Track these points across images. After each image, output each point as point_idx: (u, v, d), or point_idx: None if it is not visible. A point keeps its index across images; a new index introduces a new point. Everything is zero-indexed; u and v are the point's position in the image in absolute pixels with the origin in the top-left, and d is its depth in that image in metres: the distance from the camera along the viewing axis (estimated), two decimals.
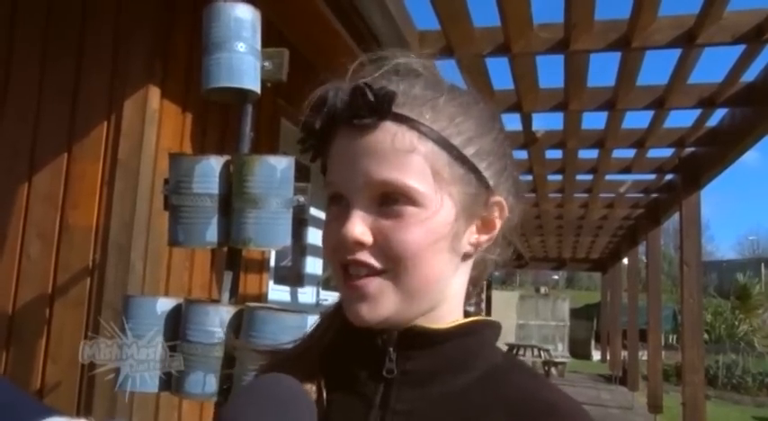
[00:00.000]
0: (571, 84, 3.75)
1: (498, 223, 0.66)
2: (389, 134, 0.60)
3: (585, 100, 4.06)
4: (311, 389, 0.64)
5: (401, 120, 0.60)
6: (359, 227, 0.60)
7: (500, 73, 3.60)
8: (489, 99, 0.71)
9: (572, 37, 3.03)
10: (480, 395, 0.62)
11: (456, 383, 0.63)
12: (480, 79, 3.39)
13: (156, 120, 2.38)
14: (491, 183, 0.64)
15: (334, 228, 0.62)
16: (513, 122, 4.54)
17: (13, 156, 2.49)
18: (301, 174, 4.09)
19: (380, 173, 0.59)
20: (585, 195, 7.44)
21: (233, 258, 1.78)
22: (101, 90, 2.44)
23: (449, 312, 0.66)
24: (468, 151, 0.62)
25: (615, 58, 3.50)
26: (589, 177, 6.54)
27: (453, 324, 0.65)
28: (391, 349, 0.63)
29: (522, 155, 5.25)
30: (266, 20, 2.09)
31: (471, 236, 0.65)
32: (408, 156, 0.59)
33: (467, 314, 0.68)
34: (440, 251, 0.61)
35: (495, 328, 0.68)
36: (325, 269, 4.41)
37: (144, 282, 2.28)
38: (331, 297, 4.50)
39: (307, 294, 3.98)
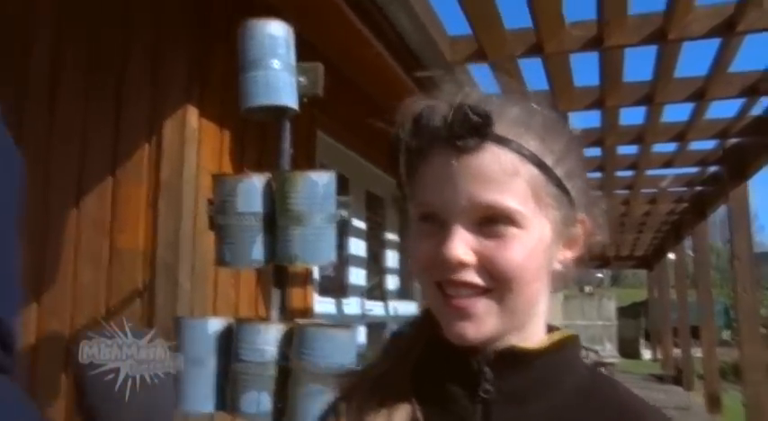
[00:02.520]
0: (607, 80, 3.69)
1: (583, 240, 0.67)
2: (493, 156, 0.60)
3: (623, 96, 3.99)
4: (405, 408, 0.63)
5: (502, 141, 0.60)
6: (461, 247, 0.60)
7: (534, 73, 3.56)
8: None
9: (606, 33, 2.98)
10: (574, 411, 0.63)
11: (550, 400, 0.63)
12: (514, 81, 3.35)
13: (195, 139, 2.42)
14: (576, 201, 0.65)
15: (428, 246, 0.62)
16: None
17: (63, 183, 2.56)
18: (339, 186, 4.11)
19: (485, 195, 0.59)
20: (626, 192, 7.30)
21: (280, 276, 1.79)
22: (141, 113, 2.48)
23: (537, 329, 0.67)
24: (559, 172, 0.63)
25: (651, 51, 3.44)
26: (629, 173, 6.42)
27: (545, 342, 0.66)
28: (487, 368, 0.63)
29: None
30: (298, 33, 2.12)
31: (560, 254, 0.66)
32: (512, 179, 0.60)
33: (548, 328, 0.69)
34: (539, 270, 0.62)
35: (577, 341, 0.69)
36: (368, 279, 4.42)
37: (192, 302, 2.31)
38: (376, 307, 4.51)
39: (351, 305, 3.99)
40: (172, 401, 1.32)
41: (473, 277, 0.60)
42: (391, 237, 4.99)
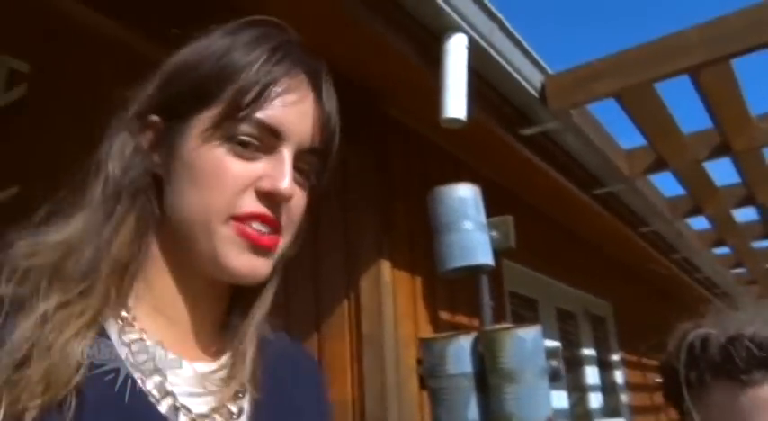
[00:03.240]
0: None
1: None
2: None
3: None
4: None
5: None
6: None
7: (721, 173, 3.36)
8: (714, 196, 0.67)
9: None
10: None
11: None
12: (702, 184, 3.18)
13: (390, 291, 2.52)
14: None
15: None
16: (747, 215, 4.15)
17: None
18: (529, 308, 4.01)
19: None
20: None
21: None
22: (337, 270, 2.65)
23: None
24: None
25: None
26: None
27: None
28: None
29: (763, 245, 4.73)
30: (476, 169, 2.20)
31: None
32: None
33: None
34: None
35: None
36: (570, 400, 4.17)
37: None
38: None
39: None
40: None
41: None
42: (588, 352, 4.73)
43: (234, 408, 0.65)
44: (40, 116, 4.37)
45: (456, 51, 1.87)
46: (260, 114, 0.62)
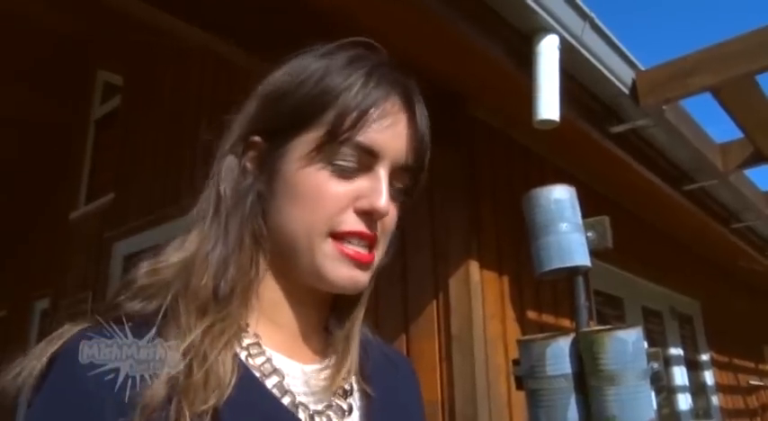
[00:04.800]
0: None
1: None
2: None
3: None
4: None
5: None
6: None
7: None
8: None
9: None
10: None
11: None
12: None
13: (479, 291, 2.53)
14: None
15: None
16: None
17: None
18: (614, 306, 3.92)
19: None
20: None
21: None
22: (425, 271, 2.67)
23: None
24: None
25: None
26: None
27: None
28: None
29: None
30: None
31: None
32: None
33: None
34: None
35: None
36: (657, 401, 4.06)
37: None
38: None
39: None
40: None
41: None
42: (675, 352, 4.58)
43: (344, 406, 0.69)
44: (132, 126, 4.60)
45: (548, 52, 1.86)
46: (359, 137, 0.65)
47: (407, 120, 0.69)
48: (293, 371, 0.67)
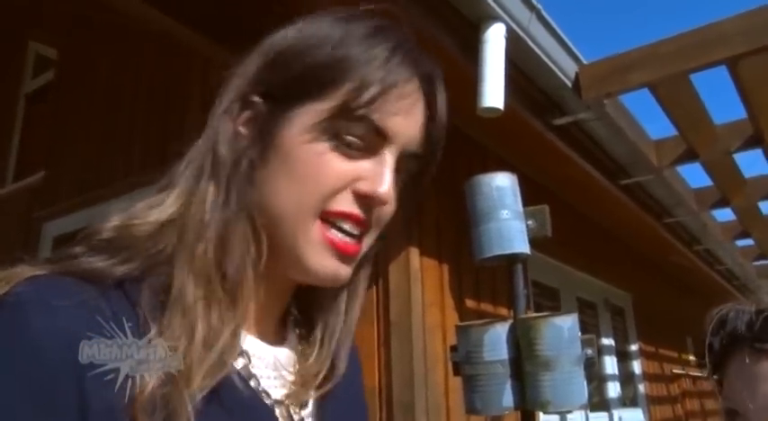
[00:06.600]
0: None
1: None
2: None
3: None
4: None
5: None
6: None
7: (751, 166, 3.33)
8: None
9: None
10: None
11: None
12: (730, 175, 3.16)
13: (419, 278, 2.54)
14: None
15: None
16: None
17: None
18: (550, 297, 4.00)
19: None
20: None
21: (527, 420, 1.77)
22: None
23: None
24: None
25: None
26: None
27: None
28: None
29: None
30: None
31: None
32: None
33: None
34: None
35: None
36: (588, 389, 4.19)
37: None
38: (599, 418, 4.24)
39: (576, 419, 3.80)
40: None
41: None
42: (607, 342, 4.73)
43: (304, 397, 0.66)
44: (66, 103, 4.41)
45: (495, 41, 1.87)
46: (374, 116, 0.59)
47: (426, 106, 0.65)
48: (264, 352, 0.64)
